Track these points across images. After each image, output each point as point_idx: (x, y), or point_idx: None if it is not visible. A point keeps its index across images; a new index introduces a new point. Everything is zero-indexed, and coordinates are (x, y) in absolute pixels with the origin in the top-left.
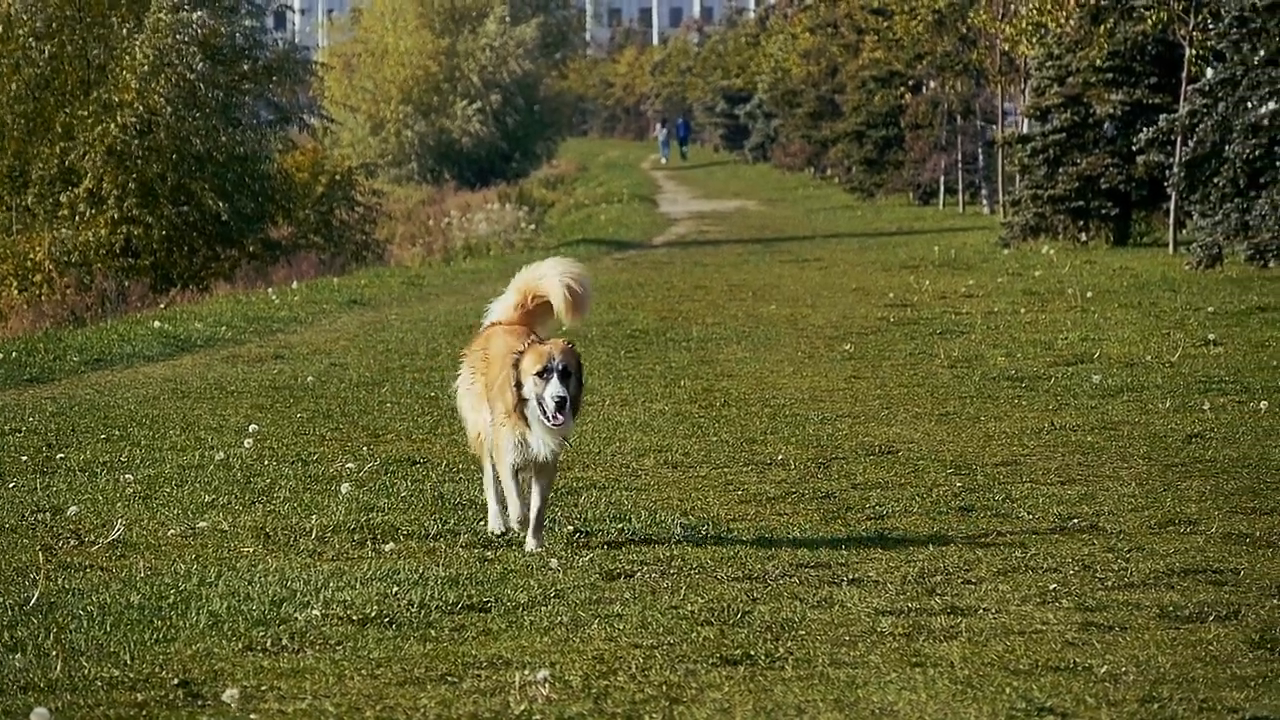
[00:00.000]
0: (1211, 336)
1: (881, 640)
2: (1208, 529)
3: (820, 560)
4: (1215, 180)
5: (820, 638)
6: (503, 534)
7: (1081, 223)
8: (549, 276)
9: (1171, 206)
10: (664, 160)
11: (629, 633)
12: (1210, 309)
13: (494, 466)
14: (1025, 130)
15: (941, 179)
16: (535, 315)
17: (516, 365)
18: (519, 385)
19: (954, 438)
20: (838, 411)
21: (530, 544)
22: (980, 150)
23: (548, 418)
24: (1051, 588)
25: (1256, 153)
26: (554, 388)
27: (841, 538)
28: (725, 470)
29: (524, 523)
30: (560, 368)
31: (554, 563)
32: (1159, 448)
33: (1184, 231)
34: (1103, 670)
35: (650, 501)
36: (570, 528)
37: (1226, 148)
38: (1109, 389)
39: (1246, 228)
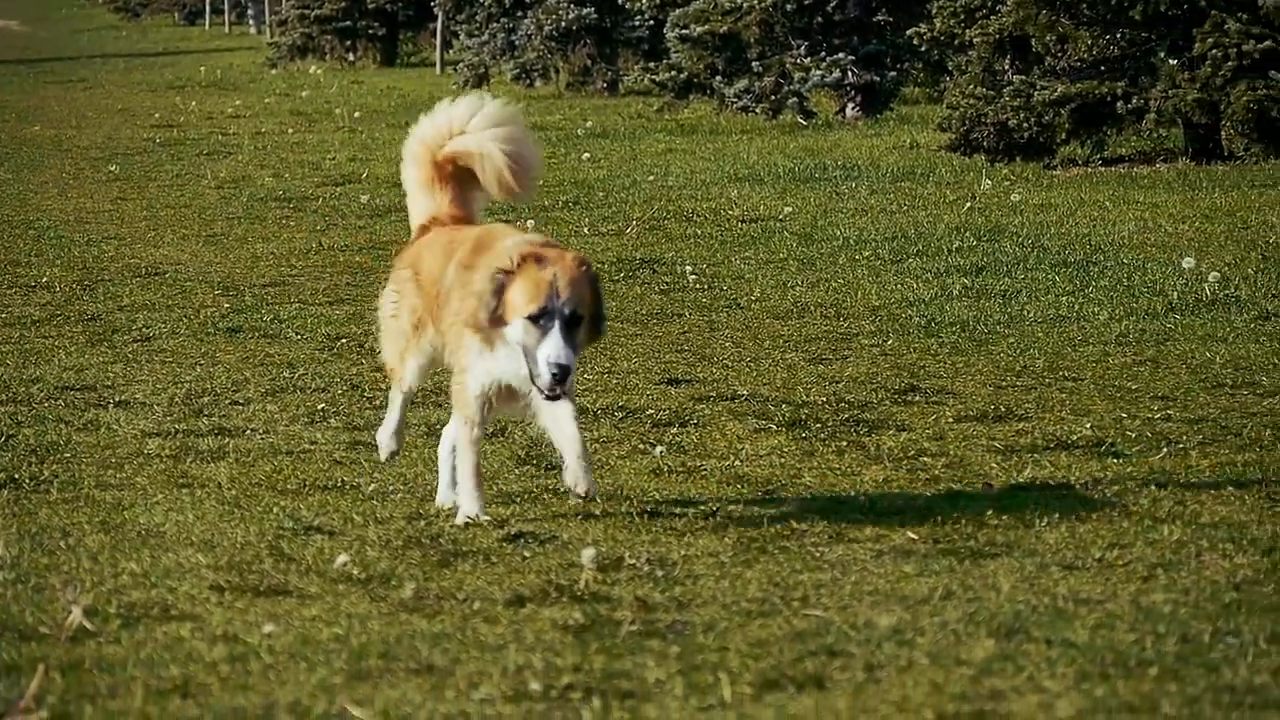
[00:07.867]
0: None
1: (149, 462)
2: None
3: (86, 383)
4: (481, 1)
5: (86, 460)
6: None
7: (349, 43)
8: (474, 135)
9: (439, 27)
10: None
11: None
12: None
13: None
14: None
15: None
16: (459, 193)
17: (499, 294)
18: (499, 320)
19: (222, 259)
20: (104, 233)
21: (582, 484)
22: None
23: (541, 387)
24: (320, 408)
25: None
26: (554, 347)
27: (108, 360)
28: None
29: (471, 494)
30: (568, 311)
31: None
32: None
33: (451, 52)
34: (370, 489)
35: None
36: None
37: None
38: (377, 209)
39: (513, 48)
